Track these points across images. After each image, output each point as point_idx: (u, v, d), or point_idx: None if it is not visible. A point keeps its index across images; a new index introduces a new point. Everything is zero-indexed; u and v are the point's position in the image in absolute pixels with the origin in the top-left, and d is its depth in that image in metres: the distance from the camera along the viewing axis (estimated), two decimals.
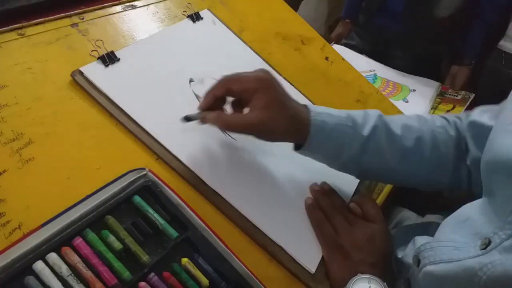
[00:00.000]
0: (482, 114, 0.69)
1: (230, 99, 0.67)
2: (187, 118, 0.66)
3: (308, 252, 0.66)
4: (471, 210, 0.58)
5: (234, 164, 0.70)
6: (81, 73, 0.65)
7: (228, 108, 0.67)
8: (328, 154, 0.69)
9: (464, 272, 0.50)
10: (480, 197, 0.60)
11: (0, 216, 0.49)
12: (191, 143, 0.68)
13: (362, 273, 0.60)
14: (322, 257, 0.67)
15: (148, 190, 0.57)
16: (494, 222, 0.51)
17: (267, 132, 0.64)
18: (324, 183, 0.75)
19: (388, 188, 0.88)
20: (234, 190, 0.66)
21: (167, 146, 0.64)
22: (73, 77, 0.64)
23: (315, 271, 0.65)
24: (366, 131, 0.68)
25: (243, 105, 0.65)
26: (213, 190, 0.64)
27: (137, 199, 0.55)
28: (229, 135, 0.73)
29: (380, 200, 0.85)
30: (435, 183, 0.73)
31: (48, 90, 0.62)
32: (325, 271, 0.66)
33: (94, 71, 0.66)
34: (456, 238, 0.56)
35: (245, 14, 0.98)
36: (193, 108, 0.72)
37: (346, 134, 0.67)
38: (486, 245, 0.49)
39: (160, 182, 0.58)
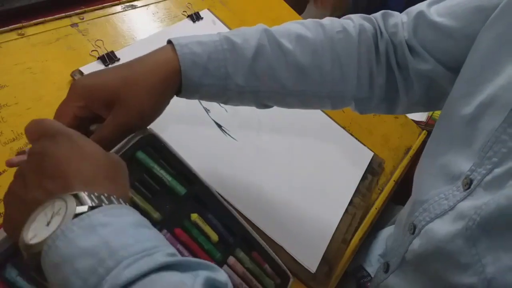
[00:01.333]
0: (429, 6, 0.61)
1: None
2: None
3: (308, 252, 0.66)
4: (438, 149, 0.55)
5: (234, 165, 0.70)
6: (81, 73, 0.65)
7: None
8: (214, 90, 0.56)
9: (459, 218, 0.48)
10: (416, 107, 0.59)
11: (1, 216, 0.49)
12: (191, 144, 0.68)
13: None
14: (323, 257, 0.67)
15: (151, 145, 0.53)
16: (469, 159, 0.49)
17: (137, 119, 0.51)
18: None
19: (388, 187, 0.88)
20: (234, 191, 0.66)
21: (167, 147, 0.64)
22: (73, 77, 0.64)
23: (316, 271, 0.65)
24: (249, 52, 0.56)
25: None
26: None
27: (141, 155, 0.51)
28: (229, 135, 0.73)
29: (380, 199, 0.85)
30: (338, 96, 0.63)
31: (48, 90, 0.62)
32: (326, 271, 0.66)
33: None
34: (439, 188, 0.52)
35: (245, 14, 0.98)
36: (193, 108, 0.72)
37: (227, 61, 0.55)
38: (469, 184, 0.48)
39: (161, 137, 0.54)
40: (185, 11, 0.87)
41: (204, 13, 0.89)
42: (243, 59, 0.56)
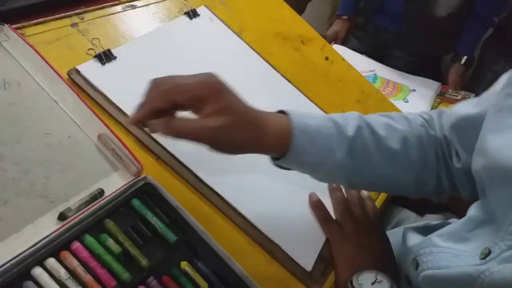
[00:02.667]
0: (464, 106, 0.66)
1: None
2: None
3: (304, 251, 0.66)
4: (472, 220, 0.58)
5: (232, 163, 0.70)
6: (78, 71, 0.65)
7: None
8: (313, 160, 0.60)
9: (462, 277, 0.50)
10: (470, 200, 0.60)
11: None
12: (190, 143, 0.68)
13: (368, 268, 0.61)
14: (319, 255, 0.67)
15: (147, 193, 0.57)
16: (496, 232, 0.51)
17: (227, 139, 0.54)
18: None
19: None
20: (232, 189, 0.66)
21: (165, 146, 0.65)
22: (70, 76, 0.64)
23: (312, 270, 0.65)
24: (350, 131, 0.62)
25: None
26: (211, 189, 0.64)
27: (136, 202, 0.55)
28: None
29: (380, 200, 0.85)
30: (422, 186, 0.68)
31: None
32: (322, 269, 0.66)
33: (91, 69, 0.66)
34: (456, 246, 0.56)
35: (245, 14, 0.98)
36: None
37: (332, 136, 0.60)
38: (486, 255, 0.49)
39: (159, 185, 0.58)
40: (182, 8, 0.87)
41: (201, 10, 0.90)
42: (345, 137, 0.61)
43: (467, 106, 0.64)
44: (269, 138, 0.57)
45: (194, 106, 0.53)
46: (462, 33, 1.59)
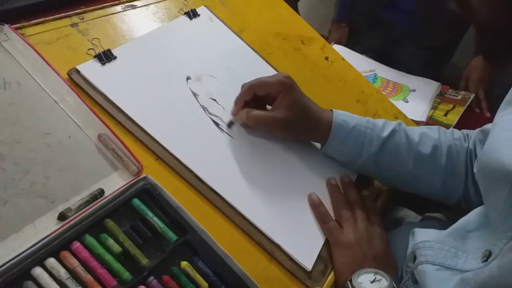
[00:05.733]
0: None
1: None
2: (230, 124, 0.75)
3: (304, 250, 0.66)
4: (474, 220, 0.58)
5: (232, 163, 0.70)
6: (78, 71, 0.65)
7: None
8: (349, 152, 0.74)
9: (460, 281, 0.50)
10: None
11: None
12: (189, 142, 0.68)
13: (367, 267, 0.62)
14: (319, 255, 0.67)
15: (147, 193, 0.57)
16: (494, 234, 0.51)
17: (290, 128, 0.72)
18: (345, 175, 0.78)
19: (388, 188, 0.88)
20: (232, 189, 0.66)
21: (165, 145, 0.65)
22: (70, 76, 0.64)
23: (312, 270, 0.65)
24: (385, 133, 0.74)
25: (265, 107, 0.75)
26: (211, 189, 0.64)
27: (136, 202, 0.55)
28: (227, 133, 0.73)
29: (380, 200, 0.85)
30: (450, 192, 0.75)
31: None
32: (321, 269, 0.66)
33: (91, 69, 0.66)
34: (458, 246, 0.56)
35: (245, 14, 0.98)
36: (191, 106, 0.72)
37: (366, 134, 0.73)
38: (487, 257, 0.50)
39: (159, 185, 0.58)
40: (182, 9, 0.87)
41: (201, 10, 0.90)
42: (379, 136, 0.73)
43: None
44: (319, 130, 0.73)
45: (268, 99, 0.72)
46: None
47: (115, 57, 0.70)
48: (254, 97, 0.73)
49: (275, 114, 0.70)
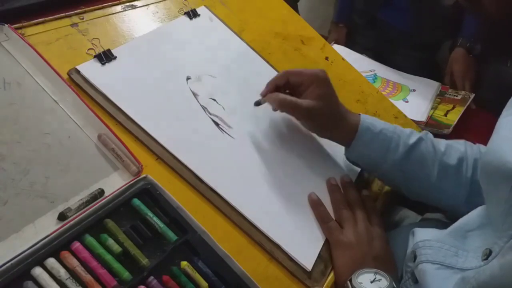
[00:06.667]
0: None
1: None
2: (257, 103, 0.77)
3: (304, 250, 0.66)
4: (475, 219, 0.58)
5: (232, 163, 0.70)
6: (78, 71, 0.65)
7: None
8: (374, 156, 0.74)
9: (461, 280, 0.50)
10: None
11: None
12: (189, 142, 0.68)
13: (367, 267, 0.62)
14: (319, 255, 0.67)
15: (147, 193, 0.57)
16: (494, 233, 0.51)
17: (312, 118, 0.73)
18: (345, 175, 0.78)
19: (388, 188, 0.88)
20: (232, 188, 0.66)
21: (165, 145, 0.65)
22: (70, 76, 0.64)
23: (312, 270, 0.65)
24: (411, 140, 0.73)
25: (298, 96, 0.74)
26: (211, 189, 0.64)
27: (136, 202, 0.55)
28: (227, 133, 0.73)
29: (380, 200, 0.85)
30: (475, 206, 0.69)
31: None
32: (321, 269, 0.66)
33: (91, 69, 0.66)
34: (458, 245, 0.56)
35: (245, 14, 0.98)
36: (191, 106, 0.72)
37: (392, 139, 0.73)
38: (488, 255, 0.50)
39: (159, 185, 0.58)
40: (182, 9, 0.87)
41: (201, 10, 0.90)
42: (405, 143, 0.73)
43: None
44: (345, 130, 0.73)
45: (300, 88, 0.73)
46: (464, 19, 1.58)
47: (115, 57, 0.70)
48: (286, 85, 0.74)
49: (302, 101, 0.71)
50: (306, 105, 0.71)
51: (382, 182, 0.82)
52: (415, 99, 1.37)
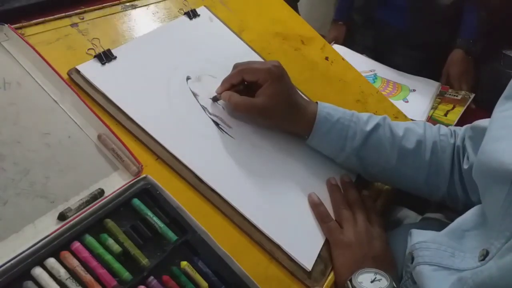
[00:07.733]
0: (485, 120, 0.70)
1: None
2: (214, 99, 0.76)
3: (304, 250, 0.66)
4: (471, 219, 0.58)
5: (232, 163, 0.70)
6: (78, 71, 0.65)
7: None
8: (333, 145, 0.74)
9: (457, 281, 0.50)
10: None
11: None
12: (189, 142, 0.68)
13: (367, 267, 0.62)
14: (319, 255, 0.67)
15: (147, 193, 0.57)
16: (491, 233, 0.51)
17: (269, 117, 0.73)
18: (345, 175, 0.78)
19: (388, 188, 0.88)
20: (232, 189, 0.66)
21: (165, 145, 0.65)
22: (70, 76, 0.64)
23: (312, 270, 0.65)
24: (368, 127, 0.73)
25: (254, 91, 0.73)
26: (211, 189, 0.64)
27: (136, 202, 0.55)
28: (227, 133, 0.73)
29: (380, 200, 0.85)
30: (434, 188, 0.74)
31: None
32: (321, 269, 0.66)
33: (91, 69, 0.66)
34: (455, 246, 0.56)
35: (245, 14, 0.98)
36: (191, 106, 0.73)
37: (349, 127, 0.73)
38: (484, 256, 0.50)
39: (159, 185, 0.58)
40: (181, 9, 0.87)
41: (201, 10, 0.90)
42: (362, 130, 0.73)
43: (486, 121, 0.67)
44: (303, 122, 0.73)
45: (255, 85, 0.72)
46: (462, 20, 1.58)
47: (115, 57, 0.70)
48: (243, 81, 0.74)
49: (255, 101, 0.71)
50: (260, 104, 0.71)
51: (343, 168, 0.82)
52: (415, 99, 1.38)
